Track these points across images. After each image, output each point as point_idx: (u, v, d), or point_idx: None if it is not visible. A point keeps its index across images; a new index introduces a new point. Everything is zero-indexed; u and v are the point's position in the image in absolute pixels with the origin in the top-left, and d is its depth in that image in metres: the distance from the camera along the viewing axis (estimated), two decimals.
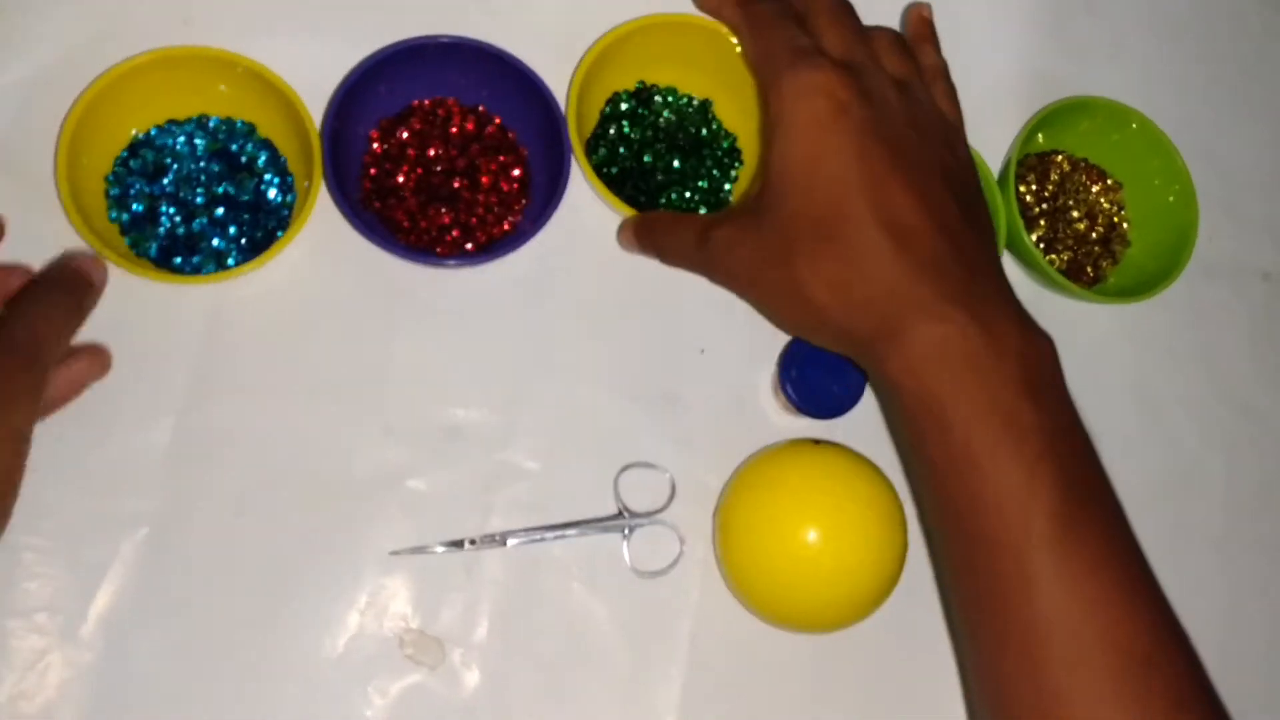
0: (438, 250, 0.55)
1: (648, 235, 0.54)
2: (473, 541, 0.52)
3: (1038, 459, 0.43)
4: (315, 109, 0.53)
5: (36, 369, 0.44)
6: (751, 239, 0.48)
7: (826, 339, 0.49)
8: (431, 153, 0.56)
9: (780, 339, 0.56)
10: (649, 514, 0.53)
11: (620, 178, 0.58)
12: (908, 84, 0.50)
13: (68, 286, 0.47)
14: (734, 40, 0.57)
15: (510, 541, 0.52)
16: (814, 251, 0.46)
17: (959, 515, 0.45)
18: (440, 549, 0.52)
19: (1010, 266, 0.63)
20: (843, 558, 0.49)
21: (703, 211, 0.59)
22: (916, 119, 0.49)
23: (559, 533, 0.51)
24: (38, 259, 0.52)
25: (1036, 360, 0.45)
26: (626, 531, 0.51)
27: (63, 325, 0.47)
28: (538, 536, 0.51)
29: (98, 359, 0.49)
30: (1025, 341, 0.45)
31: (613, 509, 0.54)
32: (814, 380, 0.54)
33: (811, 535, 0.49)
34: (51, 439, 0.50)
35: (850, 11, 0.52)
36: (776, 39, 0.50)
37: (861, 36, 0.51)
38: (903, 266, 0.45)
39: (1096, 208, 0.65)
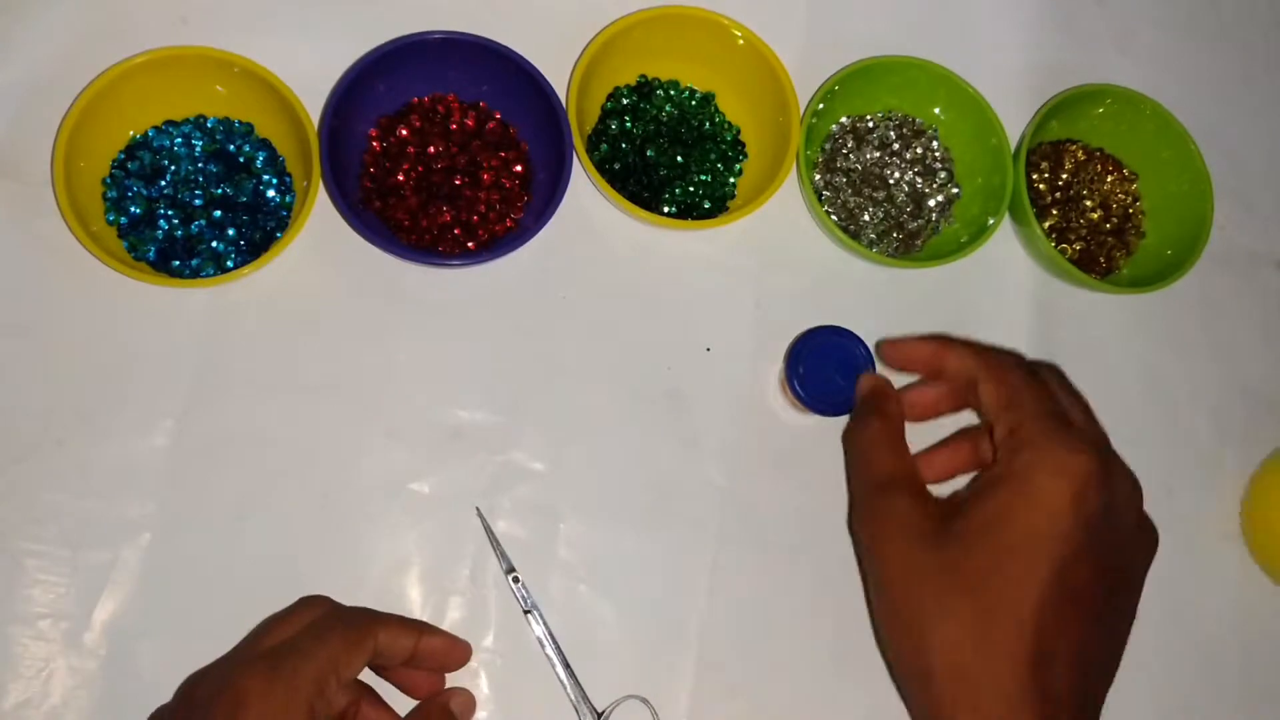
0: (439, 249, 0.55)
1: (865, 406, 0.52)
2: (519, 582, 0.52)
3: None
4: (313, 108, 0.52)
5: None
6: (920, 547, 0.45)
7: (913, 692, 0.45)
8: (432, 150, 0.55)
9: (788, 336, 0.56)
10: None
11: (623, 173, 0.57)
12: (1114, 507, 0.46)
13: None
14: (737, 33, 0.57)
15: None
16: (961, 621, 0.43)
17: None
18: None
19: (1020, 254, 0.62)
20: None
21: (707, 206, 0.58)
22: (1135, 535, 0.47)
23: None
24: (35, 263, 0.51)
25: None
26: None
27: None
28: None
29: None
30: None
31: (613, 512, 0.54)
32: (821, 377, 0.53)
33: None
34: (52, 443, 0.50)
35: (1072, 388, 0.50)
36: (1029, 390, 0.48)
37: (1093, 418, 0.49)
38: (1025, 697, 0.42)
39: (1111, 198, 0.64)
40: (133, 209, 0.52)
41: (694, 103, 0.59)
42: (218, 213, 0.53)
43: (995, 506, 0.44)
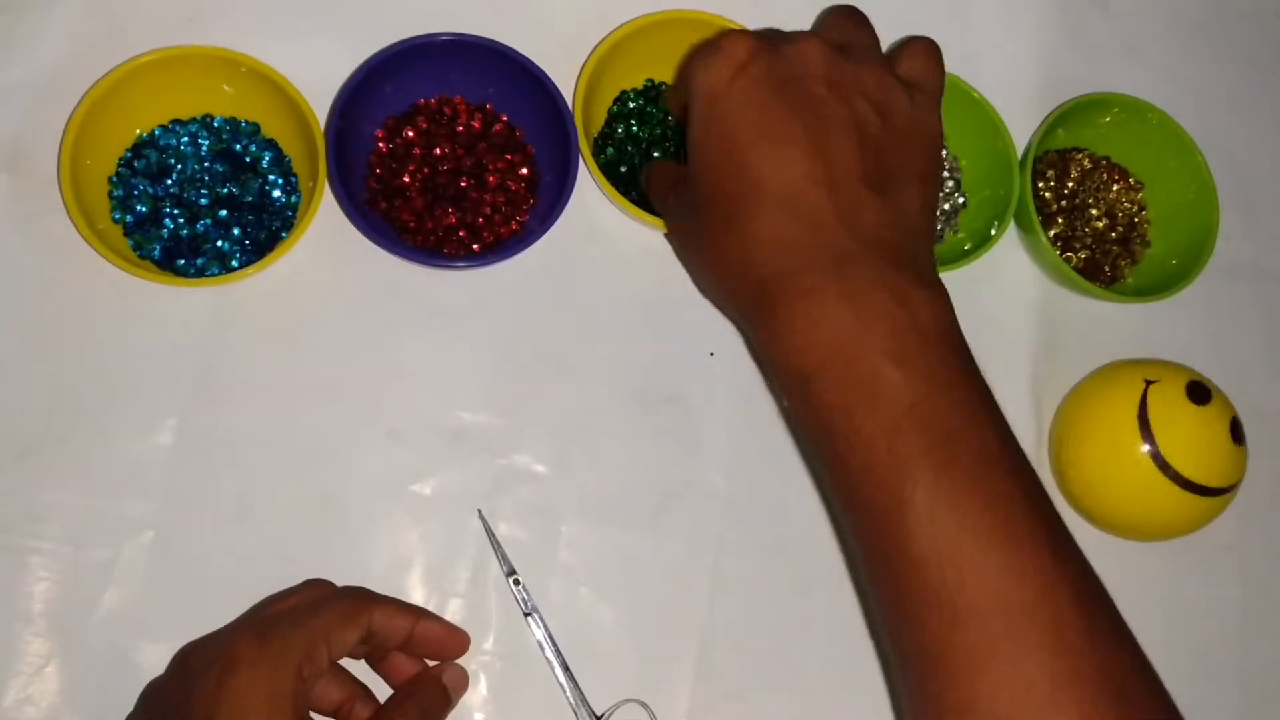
0: (444, 251, 0.55)
1: (648, 182, 0.55)
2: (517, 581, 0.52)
3: (898, 422, 0.41)
4: (320, 108, 0.52)
5: None
6: (681, 201, 0.49)
7: (728, 306, 0.49)
8: (438, 152, 0.55)
9: None
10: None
11: (629, 177, 0.57)
12: (846, 46, 0.48)
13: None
14: None
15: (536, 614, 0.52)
16: (714, 219, 0.46)
17: (837, 484, 0.44)
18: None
19: (1025, 262, 0.62)
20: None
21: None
22: (837, 77, 0.46)
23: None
24: (40, 261, 0.51)
25: (906, 322, 0.43)
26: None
27: None
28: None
29: None
30: (896, 304, 0.43)
31: (615, 515, 0.54)
32: None
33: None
34: (55, 441, 0.50)
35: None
36: None
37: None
38: (784, 228, 0.44)
39: (1116, 207, 0.64)
40: (139, 207, 0.52)
41: None
42: (223, 212, 0.53)
43: (689, 125, 0.47)
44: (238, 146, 0.54)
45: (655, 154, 0.58)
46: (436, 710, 0.47)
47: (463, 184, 0.55)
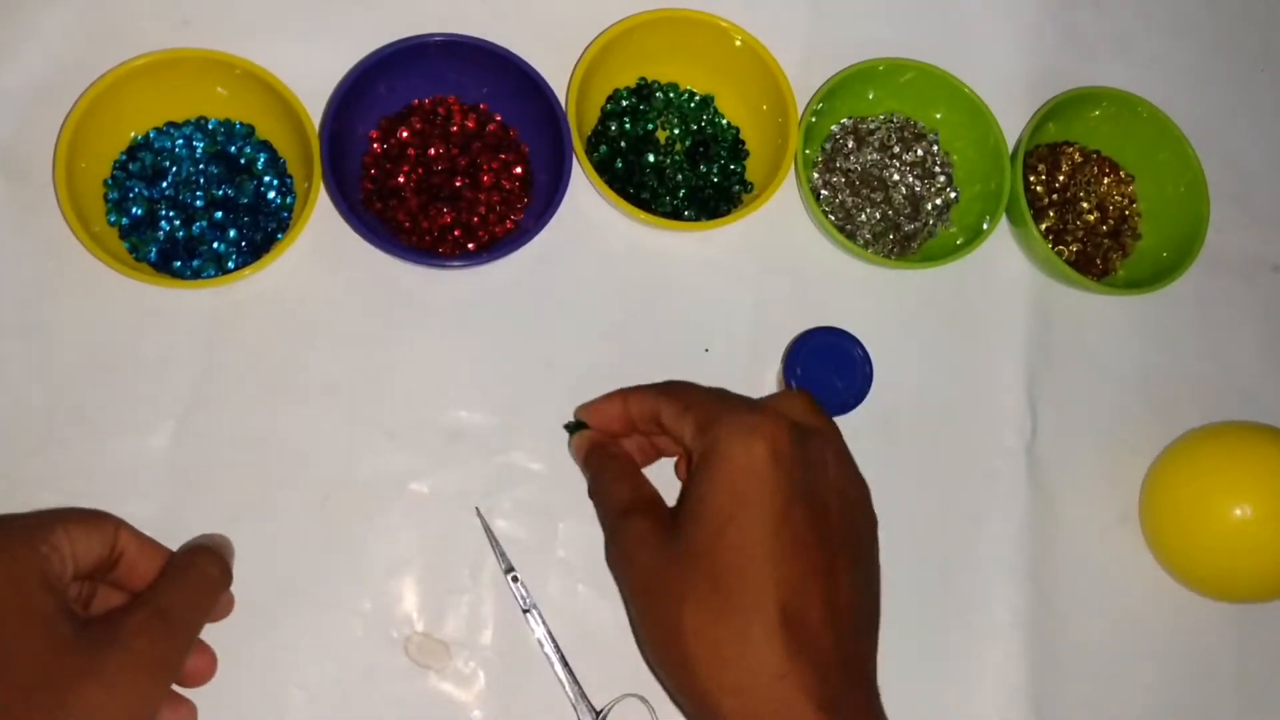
0: (439, 250, 0.55)
1: (591, 462, 0.51)
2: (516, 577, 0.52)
3: None
4: (314, 110, 0.52)
5: (179, 640, 0.42)
6: (658, 549, 0.45)
7: (685, 696, 0.44)
8: (432, 152, 0.55)
9: (785, 337, 0.56)
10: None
11: (623, 175, 0.58)
12: (844, 454, 0.48)
13: (213, 559, 0.46)
14: (736, 36, 0.57)
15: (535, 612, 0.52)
16: (703, 599, 0.43)
17: None
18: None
19: (1017, 255, 0.62)
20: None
21: (723, 207, 0.58)
22: (846, 490, 0.47)
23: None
24: (36, 264, 0.52)
25: None
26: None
27: (213, 596, 0.45)
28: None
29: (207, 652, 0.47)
30: None
31: None
32: (819, 378, 0.53)
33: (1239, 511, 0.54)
34: (54, 444, 0.50)
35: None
36: (703, 389, 0.49)
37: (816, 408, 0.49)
38: (785, 660, 0.41)
39: (1108, 200, 0.64)
40: (134, 210, 0.52)
41: (693, 105, 0.60)
42: (219, 214, 0.53)
43: (703, 486, 0.44)
44: (233, 148, 0.54)
45: (648, 154, 0.58)
46: (210, 580, 0.45)
47: (457, 184, 0.55)
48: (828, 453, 0.47)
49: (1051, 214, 0.63)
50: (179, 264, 0.52)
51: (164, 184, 0.53)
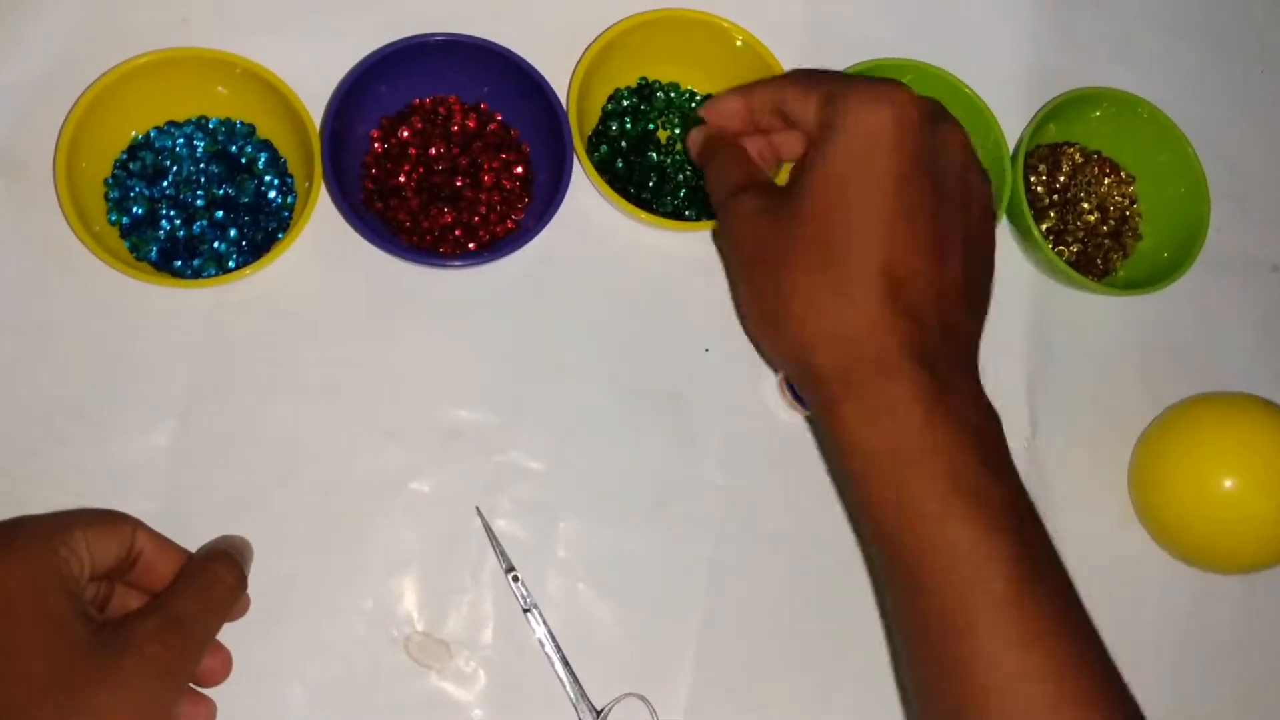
0: (440, 250, 0.55)
1: (706, 155, 0.52)
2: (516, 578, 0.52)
3: (993, 526, 0.42)
4: (315, 109, 0.52)
5: (193, 646, 0.42)
6: (768, 220, 0.46)
7: (783, 355, 0.46)
8: (433, 151, 0.55)
9: None
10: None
11: (624, 174, 0.58)
12: (971, 148, 0.48)
13: (228, 565, 0.46)
14: (737, 36, 0.57)
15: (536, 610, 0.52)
16: (809, 262, 0.44)
17: (909, 571, 0.43)
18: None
19: (1017, 255, 0.62)
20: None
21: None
22: (968, 175, 0.46)
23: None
24: (37, 263, 0.52)
25: (991, 435, 0.44)
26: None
27: (227, 603, 0.45)
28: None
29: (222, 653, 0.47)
30: (982, 415, 0.44)
31: (612, 511, 0.54)
32: None
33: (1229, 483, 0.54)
34: (53, 442, 0.50)
35: None
36: (830, 72, 0.49)
37: None
38: (886, 312, 0.42)
39: (1108, 200, 0.64)
40: (135, 209, 0.52)
41: (694, 105, 0.60)
42: (220, 213, 0.53)
43: (821, 151, 0.44)
44: (233, 148, 0.54)
45: (649, 154, 0.58)
46: (224, 587, 0.45)
47: (458, 183, 0.55)
48: (956, 139, 0.46)
49: (1052, 214, 0.63)
50: (179, 263, 0.52)
51: (165, 183, 0.53)
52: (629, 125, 0.58)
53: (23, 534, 0.41)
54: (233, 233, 0.53)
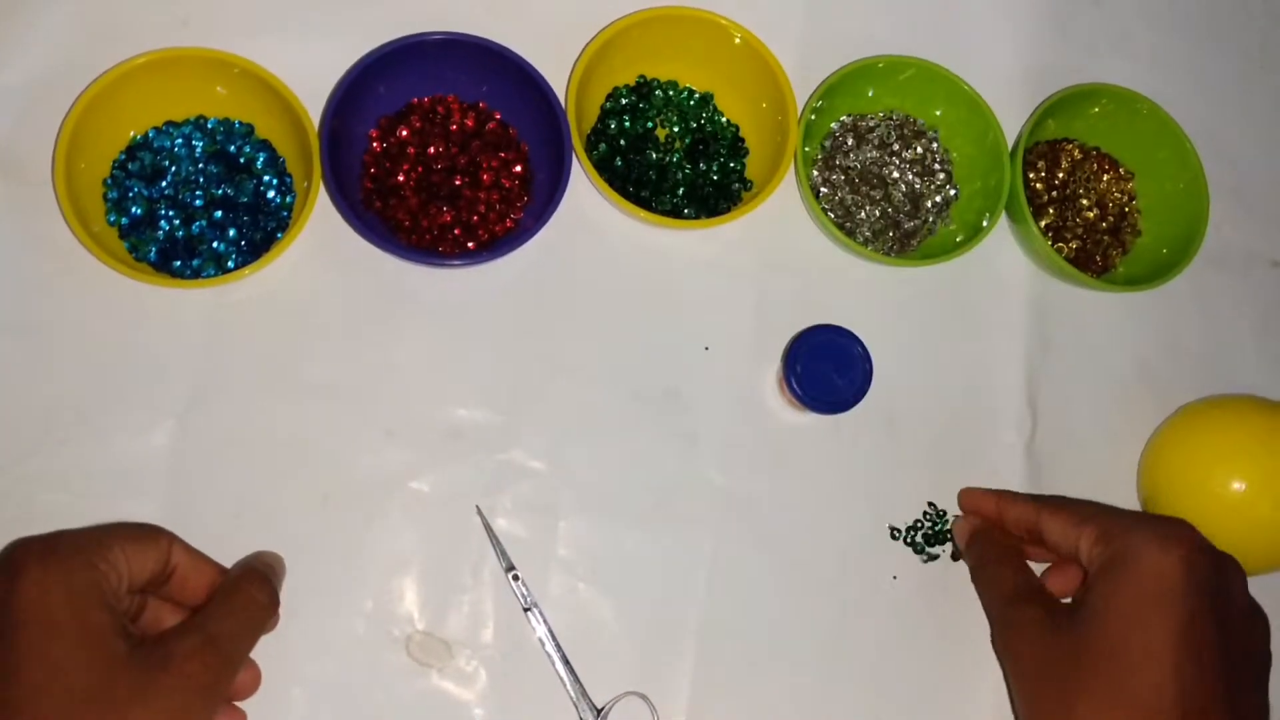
0: (439, 249, 0.55)
1: (974, 547, 0.54)
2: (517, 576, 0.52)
3: None
4: (314, 108, 0.52)
5: (229, 666, 0.43)
6: (1054, 639, 0.47)
7: None
8: (432, 150, 0.55)
9: (785, 335, 0.56)
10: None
11: (622, 173, 0.58)
12: (1246, 588, 0.49)
13: (261, 585, 0.46)
14: (735, 34, 0.57)
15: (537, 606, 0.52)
16: (1098, 689, 0.44)
17: None
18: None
19: (1016, 252, 0.62)
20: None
21: (723, 205, 0.58)
22: (1251, 616, 0.48)
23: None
24: (36, 264, 0.52)
25: None
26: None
27: (261, 622, 0.46)
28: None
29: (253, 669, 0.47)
30: None
31: (612, 510, 0.54)
32: (819, 375, 0.53)
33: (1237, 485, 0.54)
34: (54, 443, 0.50)
35: None
36: (1095, 504, 0.52)
37: None
38: None
39: (1107, 196, 0.64)
40: (134, 209, 0.52)
41: (693, 103, 0.60)
42: (218, 213, 0.53)
43: (1109, 586, 0.46)
44: (232, 147, 0.54)
45: (648, 152, 0.58)
46: (259, 606, 0.46)
47: (457, 182, 0.55)
48: (1237, 580, 0.48)
49: (1051, 211, 0.63)
50: (179, 263, 0.52)
51: (163, 183, 0.53)
52: (628, 123, 0.58)
53: (62, 548, 0.41)
54: (232, 232, 0.53)
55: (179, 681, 0.40)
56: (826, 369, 0.54)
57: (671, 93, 0.59)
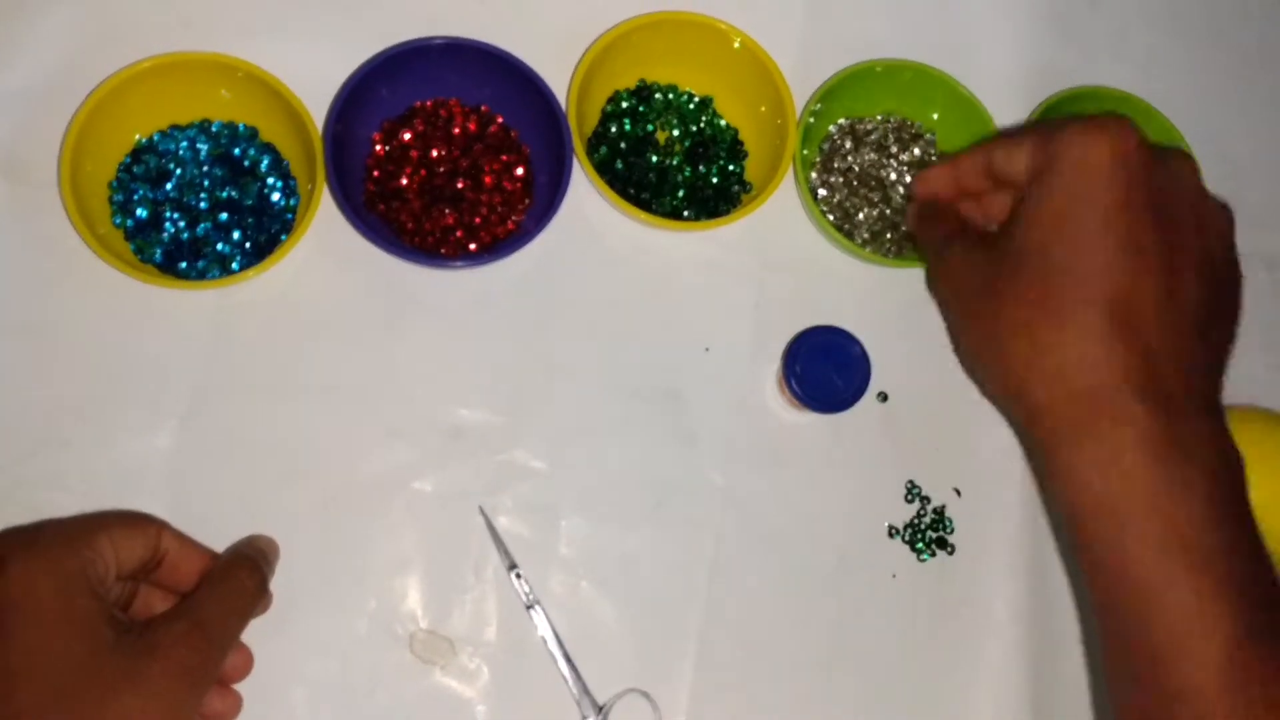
0: (442, 251, 0.55)
1: (918, 217, 0.53)
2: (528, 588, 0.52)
3: (1215, 589, 0.39)
4: (317, 112, 0.53)
5: (216, 650, 0.43)
6: (983, 257, 0.45)
7: (1000, 392, 0.44)
8: (434, 154, 0.56)
9: (785, 335, 0.57)
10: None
11: (623, 175, 0.58)
12: (1203, 187, 0.46)
13: (252, 570, 0.46)
14: (734, 38, 0.57)
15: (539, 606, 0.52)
16: (1026, 296, 0.42)
17: (1127, 627, 0.41)
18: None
19: None
20: None
21: (723, 207, 0.59)
22: (1201, 205, 0.45)
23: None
24: (42, 265, 0.52)
25: (1226, 481, 0.41)
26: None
27: (250, 607, 0.46)
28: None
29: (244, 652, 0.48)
30: (1216, 458, 0.41)
31: (613, 510, 0.55)
32: (819, 375, 0.54)
33: None
34: (58, 443, 0.50)
35: None
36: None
37: None
38: (1111, 350, 0.40)
39: None
40: (139, 212, 0.52)
41: (693, 106, 0.60)
42: (223, 216, 0.53)
43: (1036, 190, 0.43)
44: (236, 150, 0.54)
45: (648, 155, 0.58)
46: (247, 592, 0.46)
47: (459, 185, 0.56)
48: (1185, 168, 0.44)
49: None
50: (184, 265, 0.53)
51: (168, 186, 0.53)
52: (628, 127, 0.59)
53: (49, 536, 0.41)
54: (236, 235, 0.53)
55: (166, 667, 0.40)
56: (826, 369, 0.54)
57: (672, 96, 0.60)
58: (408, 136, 0.56)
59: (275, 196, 0.54)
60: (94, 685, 0.39)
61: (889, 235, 0.60)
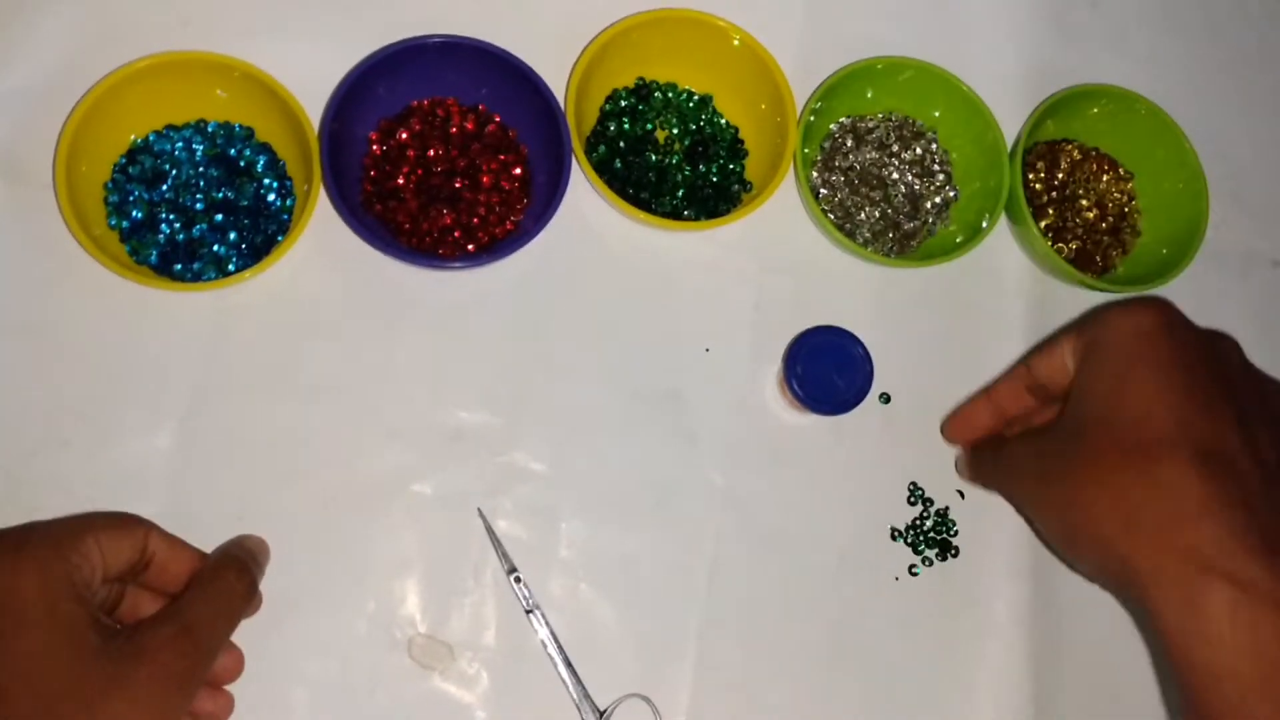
0: (439, 251, 0.55)
1: (970, 464, 0.54)
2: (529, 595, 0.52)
3: None
4: (314, 111, 0.52)
5: (204, 654, 0.43)
6: (1041, 448, 0.45)
7: (1100, 568, 0.43)
8: (431, 153, 0.56)
9: (786, 336, 0.56)
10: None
11: (622, 175, 0.58)
12: (1242, 350, 0.47)
13: (240, 572, 0.46)
14: (734, 36, 0.57)
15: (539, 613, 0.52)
16: (1106, 460, 0.41)
17: None
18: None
19: (1016, 253, 0.62)
20: None
21: (723, 206, 0.58)
22: (1253, 372, 0.45)
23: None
24: (38, 267, 0.52)
25: None
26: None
27: (239, 610, 0.46)
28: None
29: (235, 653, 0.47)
30: None
31: (613, 512, 0.54)
32: (819, 376, 0.53)
33: None
34: (57, 444, 0.50)
35: None
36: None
37: None
38: (1208, 499, 0.38)
39: (1107, 197, 0.64)
40: (134, 213, 0.52)
41: (692, 105, 0.60)
42: (219, 216, 0.53)
43: (1090, 367, 0.43)
44: (232, 151, 0.54)
45: (647, 154, 0.58)
46: (236, 594, 0.45)
47: (457, 185, 0.55)
48: (1232, 345, 0.45)
49: (1051, 211, 0.63)
50: (179, 267, 0.52)
51: (164, 187, 0.53)
52: (627, 126, 0.58)
53: (34, 540, 0.41)
54: (232, 236, 0.53)
55: (153, 672, 0.40)
56: (827, 370, 0.54)
57: (671, 95, 0.60)
58: (405, 136, 0.55)
59: (271, 197, 0.54)
60: (80, 692, 0.38)
61: (890, 235, 0.60)
